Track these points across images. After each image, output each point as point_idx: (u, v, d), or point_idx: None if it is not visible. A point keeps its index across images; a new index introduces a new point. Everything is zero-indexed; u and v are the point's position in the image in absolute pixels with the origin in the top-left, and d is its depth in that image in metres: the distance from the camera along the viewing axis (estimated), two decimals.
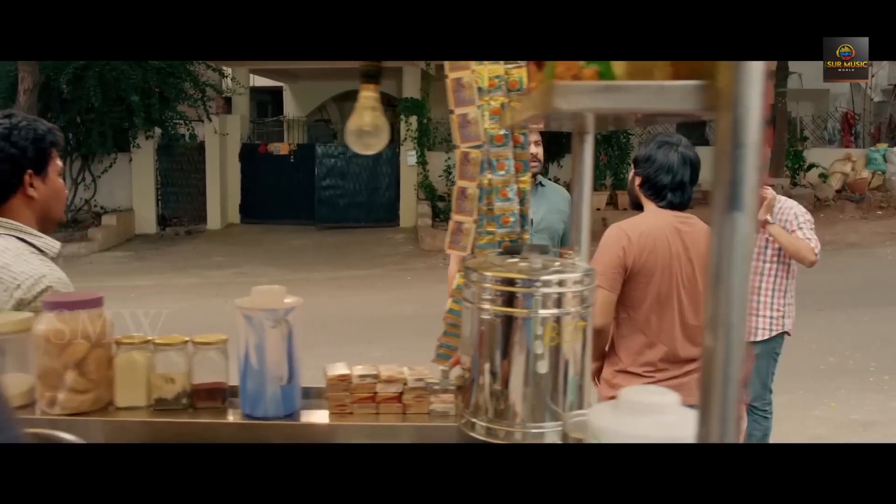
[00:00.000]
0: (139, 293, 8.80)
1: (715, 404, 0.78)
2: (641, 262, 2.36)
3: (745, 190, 0.74)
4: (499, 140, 1.49)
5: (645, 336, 2.42)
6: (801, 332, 6.89)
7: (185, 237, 13.57)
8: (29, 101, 10.51)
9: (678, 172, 2.44)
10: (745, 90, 0.75)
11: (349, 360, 1.64)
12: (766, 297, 3.69)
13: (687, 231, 2.43)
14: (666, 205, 2.45)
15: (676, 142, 2.48)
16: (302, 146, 15.18)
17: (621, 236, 2.40)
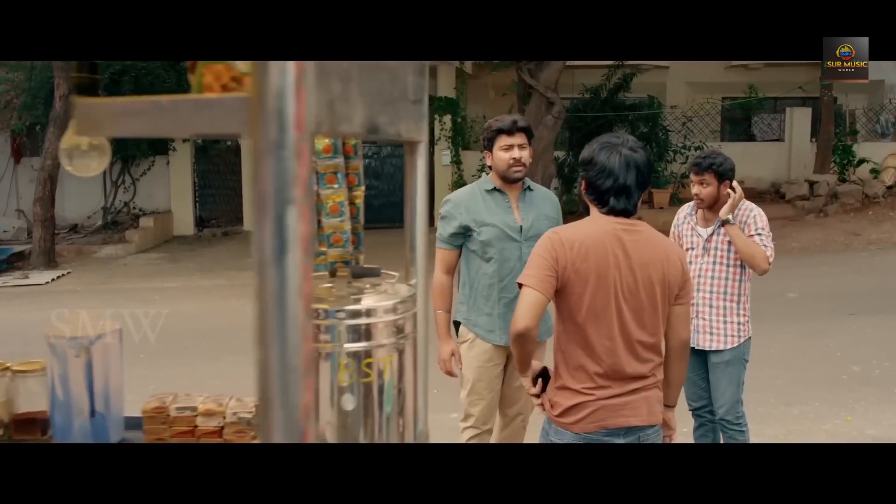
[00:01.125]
0: (163, 295, 8.94)
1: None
2: (574, 269, 2.22)
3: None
4: (327, 151, 1.39)
5: (582, 350, 2.29)
6: (828, 339, 6.60)
7: (222, 238, 13.76)
8: (64, 107, 10.77)
9: (620, 176, 2.27)
10: (280, 99, 0.70)
11: None
12: (733, 301, 3.52)
13: (630, 239, 2.27)
14: (608, 211, 2.30)
15: (621, 143, 2.32)
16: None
17: (554, 240, 2.26)
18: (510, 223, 3.13)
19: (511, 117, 3.17)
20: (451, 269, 3.25)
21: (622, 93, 14.87)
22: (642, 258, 2.27)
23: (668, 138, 14.60)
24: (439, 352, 3.22)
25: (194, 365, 6.16)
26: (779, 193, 14.52)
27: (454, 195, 3.23)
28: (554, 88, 11.03)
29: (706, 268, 3.54)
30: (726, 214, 3.42)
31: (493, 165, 3.17)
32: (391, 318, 1.14)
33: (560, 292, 2.26)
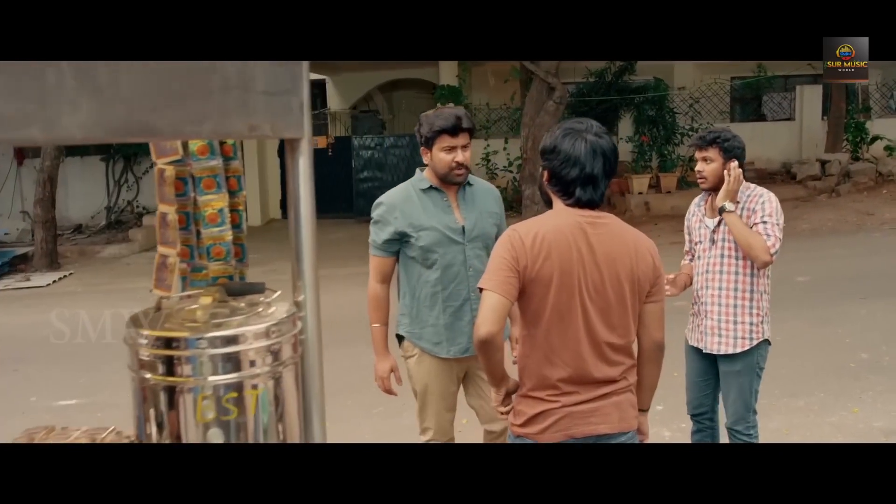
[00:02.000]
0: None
1: None
2: (536, 269, 2.05)
3: None
4: (202, 152, 1.24)
5: (545, 355, 2.13)
6: (837, 324, 6.39)
7: None
8: None
9: (587, 165, 2.10)
10: None
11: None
12: (744, 299, 3.17)
13: (595, 233, 2.12)
14: (574, 202, 2.14)
15: (586, 128, 2.15)
16: (339, 139, 15.13)
17: (513, 239, 2.09)
18: (451, 224, 2.85)
19: (453, 113, 2.82)
20: (386, 278, 2.96)
21: (627, 75, 14.59)
22: (609, 253, 2.11)
23: (676, 120, 14.31)
24: (376, 369, 2.99)
25: None
26: (790, 174, 14.23)
27: (386, 197, 2.92)
28: (555, 73, 10.81)
29: (714, 262, 3.22)
30: (723, 201, 3.15)
31: (432, 166, 2.86)
32: (264, 344, 1.00)
33: (522, 294, 2.10)
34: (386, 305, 2.98)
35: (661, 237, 11.04)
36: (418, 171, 2.97)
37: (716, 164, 3.19)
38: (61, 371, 6.07)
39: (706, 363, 3.31)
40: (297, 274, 1.09)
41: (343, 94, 19.50)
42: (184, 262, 1.24)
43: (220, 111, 0.97)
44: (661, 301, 2.24)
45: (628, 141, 14.24)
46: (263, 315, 1.03)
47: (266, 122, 1.00)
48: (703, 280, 3.27)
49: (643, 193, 13.13)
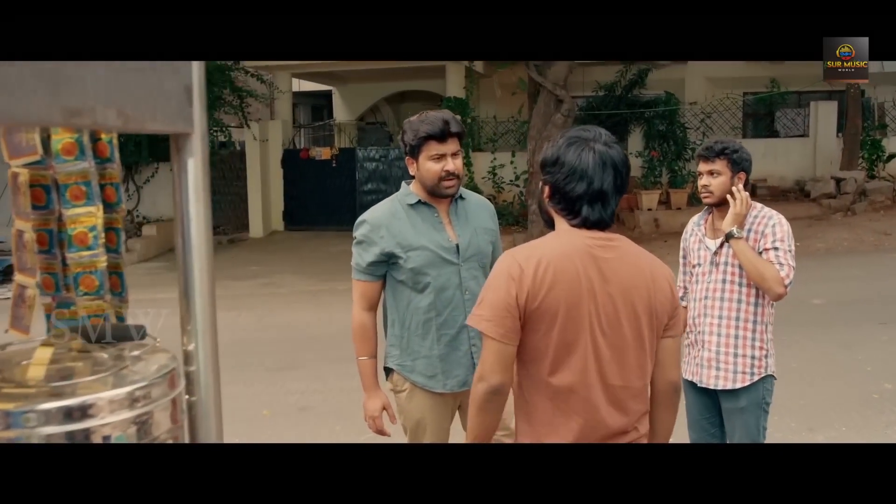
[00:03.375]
0: (154, 306, 8.57)
1: None
2: (538, 301, 1.75)
3: None
4: (67, 152, 0.96)
5: (550, 402, 1.83)
6: (857, 350, 6.06)
7: (228, 246, 13.44)
8: None
9: (595, 178, 1.80)
10: None
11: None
12: (746, 329, 2.88)
13: (607, 258, 1.82)
14: (580, 223, 1.84)
15: (593, 137, 1.85)
16: (344, 150, 14.91)
17: (511, 268, 1.79)
18: (443, 243, 2.56)
19: (440, 116, 2.52)
20: (373, 305, 2.65)
21: (638, 89, 14.33)
22: (623, 282, 1.81)
23: (687, 136, 14.03)
24: (366, 407, 2.68)
25: None
26: (803, 192, 13.90)
27: (370, 215, 2.61)
28: (563, 86, 10.55)
29: (714, 287, 2.92)
30: (729, 227, 2.83)
31: (419, 177, 2.56)
32: (126, 416, 0.71)
33: (523, 328, 1.80)
34: (374, 335, 2.67)
35: (672, 255, 10.71)
36: (404, 185, 2.67)
37: (723, 178, 2.91)
38: None
39: (707, 399, 3.01)
40: (185, 315, 0.82)
41: (350, 106, 19.32)
42: (46, 294, 0.99)
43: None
44: (678, 336, 1.95)
45: (638, 156, 13.96)
46: (131, 373, 0.75)
47: (139, 112, 0.73)
48: (702, 307, 2.97)
49: (652, 210, 12.82)
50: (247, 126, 13.51)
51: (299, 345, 6.81)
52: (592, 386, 1.81)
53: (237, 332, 7.40)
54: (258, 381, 5.76)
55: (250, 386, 5.67)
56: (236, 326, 7.66)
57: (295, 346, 6.81)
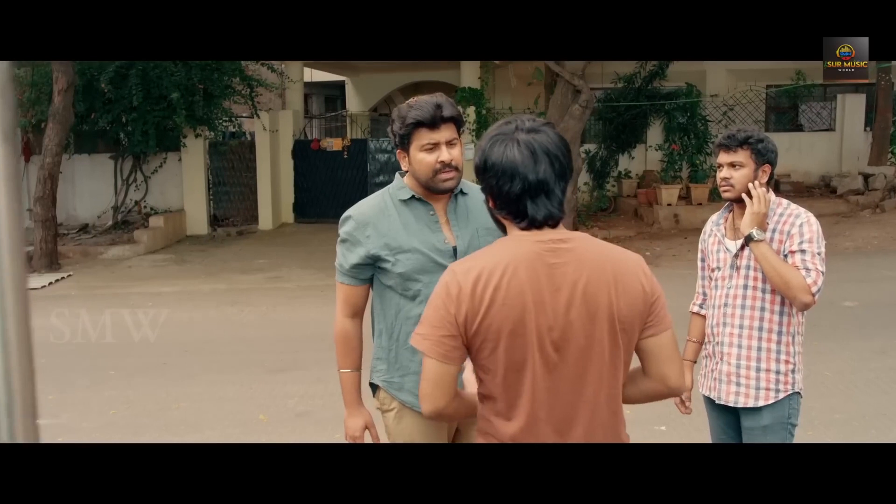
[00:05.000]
0: (158, 300, 8.35)
1: None
2: (479, 320, 1.60)
3: None
4: None
5: (510, 422, 1.66)
6: (894, 356, 5.69)
7: (236, 238, 13.20)
8: (64, 102, 10.27)
9: (528, 172, 1.62)
10: None
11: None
12: (770, 341, 2.58)
13: (558, 263, 1.61)
14: (529, 223, 1.65)
15: (515, 127, 1.67)
16: (356, 141, 14.62)
17: (450, 283, 1.64)
18: (438, 245, 2.25)
19: (431, 100, 2.19)
20: (357, 312, 2.38)
21: (658, 81, 13.92)
22: (579, 287, 1.60)
23: (708, 129, 13.61)
24: (347, 426, 2.39)
25: (167, 385, 5.51)
26: (829, 187, 13.46)
27: (356, 210, 2.32)
28: (581, 75, 10.18)
29: (735, 293, 2.63)
30: (748, 228, 2.53)
31: (412, 171, 2.25)
32: None
33: (468, 348, 1.64)
34: (358, 346, 2.38)
35: (692, 252, 10.34)
36: (398, 177, 2.35)
37: (746, 170, 2.60)
38: None
39: (728, 416, 2.71)
40: None
41: (363, 96, 19.03)
42: None
43: None
44: (666, 329, 1.70)
45: (658, 149, 13.58)
46: None
47: None
48: (721, 315, 2.66)
49: (672, 205, 12.43)
50: (257, 116, 13.24)
51: (302, 344, 6.52)
52: (538, 405, 1.63)
53: (238, 330, 7.13)
54: (257, 383, 5.47)
55: (248, 388, 5.38)
56: (238, 323, 7.39)
57: (297, 344, 6.52)
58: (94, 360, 6.18)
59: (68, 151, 12.56)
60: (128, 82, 11.54)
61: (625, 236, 11.38)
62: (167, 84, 11.56)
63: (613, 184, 14.11)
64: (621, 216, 13.49)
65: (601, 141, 13.99)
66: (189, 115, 11.89)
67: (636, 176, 14.40)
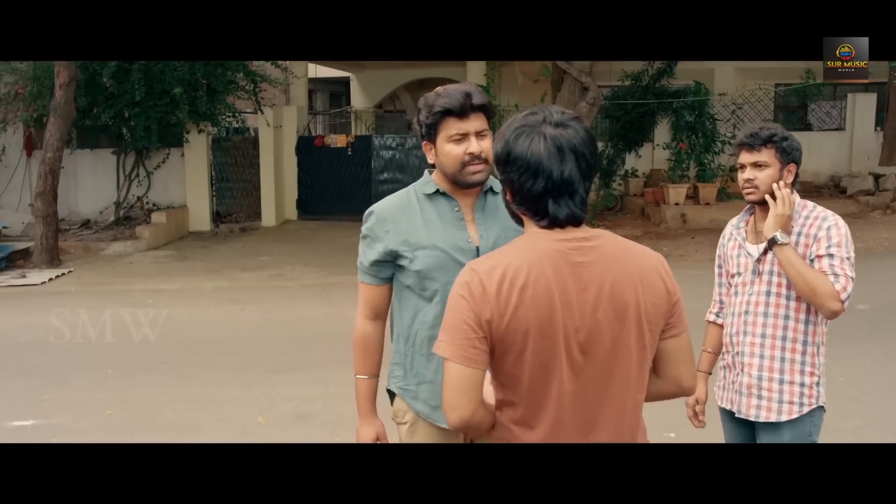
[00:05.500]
0: (159, 298, 8.24)
1: None
2: (506, 322, 1.50)
3: None
4: None
5: (533, 430, 1.58)
6: None
7: (239, 234, 13.09)
8: (65, 96, 10.17)
9: (553, 169, 1.52)
10: None
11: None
12: (794, 352, 2.44)
13: (584, 262, 1.54)
14: (549, 223, 1.56)
15: (543, 119, 1.56)
16: (360, 138, 14.49)
17: (472, 283, 1.54)
18: (461, 243, 2.11)
19: (461, 89, 2.07)
20: (380, 313, 2.25)
21: (666, 79, 13.76)
22: (605, 287, 1.53)
23: (716, 128, 13.45)
24: (358, 434, 2.27)
25: (165, 385, 5.40)
26: (839, 188, 13.30)
27: (379, 206, 2.22)
28: (588, 73, 10.05)
29: (756, 300, 2.49)
30: (772, 231, 2.40)
31: (440, 165, 2.13)
32: None
33: (492, 353, 1.55)
34: (377, 351, 2.26)
35: (699, 252, 10.22)
36: (426, 173, 2.25)
37: (771, 171, 2.45)
38: (25, 385, 5.45)
39: (746, 431, 2.57)
40: None
41: (368, 93, 18.91)
42: None
43: None
44: (684, 332, 1.65)
45: (665, 148, 13.43)
46: None
47: None
48: (741, 323, 2.52)
49: (680, 204, 12.28)
50: (260, 112, 13.12)
51: (303, 343, 6.40)
52: (568, 410, 1.56)
53: (239, 329, 7.02)
54: (256, 384, 5.36)
55: (247, 389, 5.27)
56: (239, 322, 7.28)
57: (298, 344, 6.40)
58: (93, 359, 6.08)
59: (70, 146, 12.45)
60: (130, 77, 11.43)
61: (631, 235, 11.22)
62: (170, 79, 11.44)
63: (620, 182, 13.96)
64: (628, 215, 13.35)
65: (608, 139, 13.85)
66: (192, 110, 11.78)
67: (643, 175, 14.25)
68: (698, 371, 2.73)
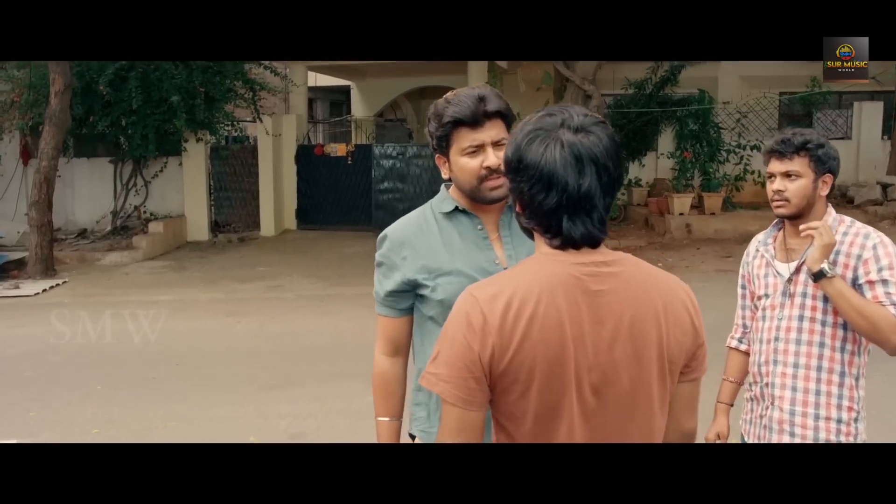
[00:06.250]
0: (154, 309, 8.05)
1: None
2: (508, 357, 1.30)
3: None
4: None
5: None
6: None
7: (238, 244, 12.92)
8: (60, 104, 10.02)
9: (569, 181, 1.30)
10: None
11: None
12: (830, 384, 2.20)
13: (601, 291, 1.33)
14: (562, 243, 1.34)
15: (561, 121, 1.34)
16: (360, 146, 14.32)
17: (471, 311, 1.32)
18: (487, 266, 1.87)
19: (473, 93, 1.84)
20: (399, 349, 2.00)
21: (669, 87, 13.61)
22: (624, 321, 1.32)
23: (721, 136, 13.28)
24: None
25: (155, 402, 5.21)
26: (846, 197, 13.11)
27: (393, 229, 1.97)
28: (592, 80, 9.90)
29: (787, 326, 2.25)
30: (817, 264, 2.13)
31: (455, 180, 1.91)
32: None
33: (492, 389, 1.34)
34: (398, 390, 2.02)
35: (705, 263, 10.04)
36: (442, 188, 2.01)
37: (804, 182, 2.21)
38: (10, 402, 5.26)
39: None
40: None
41: (368, 101, 18.76)
42: None
43: None
44: (699, 378, 1.46)
45: (669, 157, 13.26)
46: None
47: None
48: (771, 351, 2.28)
49: (684, 214, 12.10)
50: (259, 120, 12.97)
51: (299, 357, 6.21)
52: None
53: (234, 341, 6.83)
54: (249, 401, 5.16)
55: (240, 406, 5.07)
56: (234, 334, 7.09)
57: (294, 358, 6.21)
58: (82, 373, 5.89)
59: (67, 155, 12.31)
60: (127, 85, 11.28)
61: (635, 246, 11.05)
62: (167, 87, 11.30)
63: (623, 192, 13.79)
64: (631, 225, 13.16)
65: None
66: (190, 118, 11.62)
67: (647, 184, 14.08)
68: (720, 402, 2.53)
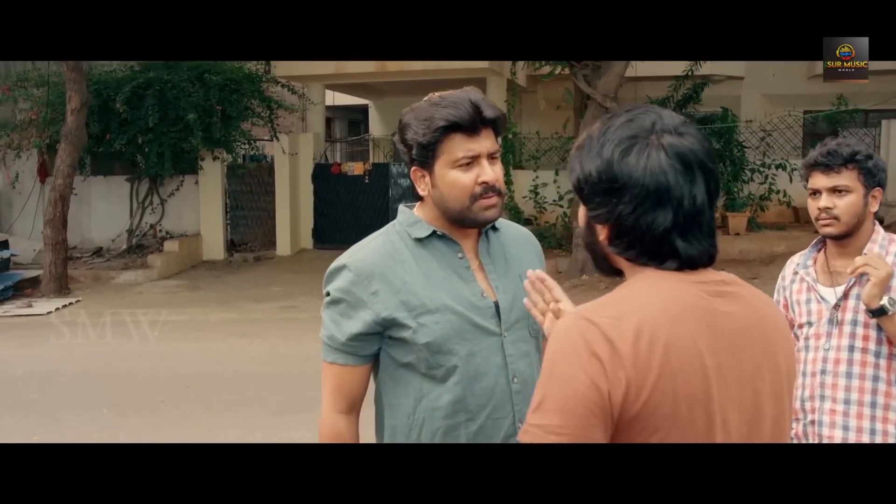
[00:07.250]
0: (165, 329, 7.89)
1: None
2: (644, 397, 1.02)
3: None
4: None
5: None
6: None
7: (254, 264, 12.78)
8: (77, 122, 9.96)
9: (684, 193, 1.08)
10: None
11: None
12: (886, 422, 2.00)
13: (730, 314, 1.09)
14: (678, 266, 1.11)
15: (652, 124, 1.11)
16: (377, 165, 14.20)
17: (593, 340, 1.03)
18: (474, 300, 1.61)
19: (465, 96, 1.57)
20: (355, 404, 1.66)
21: (692, 105, 13.37)
22: (758, 346, 1.10)
23: (745, 155, 13.01)
24: None
25: (162, 427, 5.02)
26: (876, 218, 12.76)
27: (355, 259, 1.63)
28: (614, 98, 9.69)
29: (836, 358, 2.04)
30: (876, 301, 1.92)
31: (438, 198, 1.61)
32: None
33: (613, 439, 1.07)
34: None
35: None
36: (403, 209, 1.74)
37: (853, 197, 2.03)
38: (15, 425, 5.11)
39: None
40: None
41: (386, 120, 18.68)
42: None
43: None
44: None
45: None
46: None
47: None
48: (816, 385, 2.06)
49: None
50: (276, 138, 12.88)
51: (311, 382, 5.96)
52: None
53: (245, 364, 6.63)
54: (258, 427, 4.96)
55: (249, 432, 4.87)
56: (245, 357, 6.90)
57: (306, 383, 5.98)
58: (89, 396, 5.72)
59: (84, 173, 12.27)
60: (144, 103, 11.23)
61: None
62: (184, 105, 11.24)
63: None
64: None
65: None
66: (206, 136, 11.55)
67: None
68: None
